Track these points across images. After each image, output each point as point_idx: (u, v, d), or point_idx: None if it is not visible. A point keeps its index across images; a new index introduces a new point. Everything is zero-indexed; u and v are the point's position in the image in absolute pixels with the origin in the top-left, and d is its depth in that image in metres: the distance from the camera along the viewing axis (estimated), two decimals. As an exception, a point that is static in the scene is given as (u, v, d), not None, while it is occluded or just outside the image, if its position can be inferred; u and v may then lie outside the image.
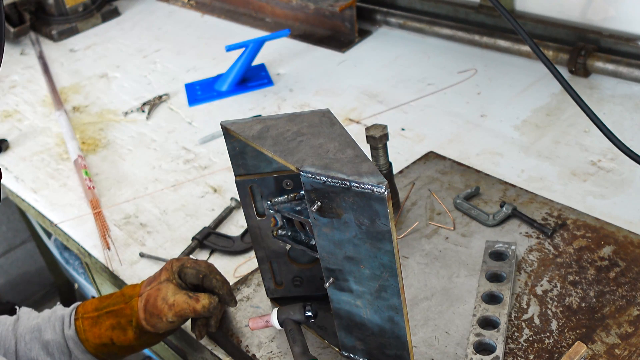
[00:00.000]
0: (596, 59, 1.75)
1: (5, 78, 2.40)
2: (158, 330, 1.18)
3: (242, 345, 1.20)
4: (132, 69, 2.31)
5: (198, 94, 2.06)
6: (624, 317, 1.12)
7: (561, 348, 1.08)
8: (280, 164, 1.05)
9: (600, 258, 1.23)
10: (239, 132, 1.06)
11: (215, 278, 1.19)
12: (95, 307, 1.22)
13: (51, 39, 2.60)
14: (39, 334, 1.21)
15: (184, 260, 1.20)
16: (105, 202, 1.68)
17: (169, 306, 1.15)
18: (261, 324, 1.12)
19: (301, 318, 1.09)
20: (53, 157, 1.91)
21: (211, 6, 2.62)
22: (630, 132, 1.57)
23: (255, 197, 1.14)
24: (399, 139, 1.70)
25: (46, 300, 3.05)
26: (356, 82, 1.98)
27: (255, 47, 2.01)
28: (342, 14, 2.17)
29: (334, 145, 0.99)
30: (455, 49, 2.04)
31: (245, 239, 1.46)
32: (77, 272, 2.46)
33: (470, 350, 1.08)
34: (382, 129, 1.29)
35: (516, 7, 1.99)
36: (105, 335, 1.20)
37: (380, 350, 1.07)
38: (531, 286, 1.20)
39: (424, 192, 1.45)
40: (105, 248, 1.54)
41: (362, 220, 0.93)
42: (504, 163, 1.55)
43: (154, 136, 1.92)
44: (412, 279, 1.25)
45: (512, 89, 1.81)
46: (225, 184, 1.66)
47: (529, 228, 1.32)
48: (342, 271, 1.01)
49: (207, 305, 1.14)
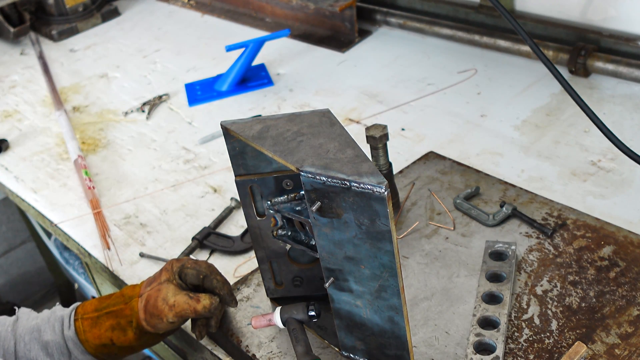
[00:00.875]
0: (596, 59, 1.75)
1: (5, 78, 2.40)
2: (158, 331, 1.18)
3: (242, 345, 1.20)
4: (132, 69, 2.31)
5: (198, 94, 2.06)
6: (624, 317, 1.12)
7: (561, 348, 1.08)
8: (280, 164, 1.05)
9: (600, 258, 1.23)
10: (239, 132, 1.06)
11: (215, 279, 1.19)
12: (95, 307, 1.21)
13: (51, 39, 2.60)
14: (38, 335, 1.21)
15: (184, 261, 1.20)
16: (105, 202, 1.68)
17: (169, 307, 1.15)
18: (264, 323, 1.12)
19: (304, 317, 1.09)
20: (53, 157, 1.91)
21: (211, 6, 2.62)
22: (630, 132, 1.57)
23: (255, 197, 1.14)
24: (399, 139, 1.70)
25: (46, 300, 3.05)
26: (356, 82, 1.98)
27: (255, 47, 2.01)
28: (342, 14, 2.17)
29: (334, 145, 0.99)
30: (455, 49, 2.04)
31: (245, 239, 1.46)
32: (77, 272, 2.46)
33: (470, 350, 1.08)
34: (382, 129, 1.29)
35: (516, 7, 1.99)
36: (105, 336, 1.19)
37: (380, 350, 1.07)
38: (531, 286, 1.20)
39: (424, 192, 1.45)
40: (105, 248, 1.54)
41: (362, 220, 0.93)
42: (504, 163, 1.55)
43: (154, 136, 1.92)
44: (412, 279, 1.25)
45: (512, 89, 1.81)
46: (225, 184, 1.66)
47: (529, 228, 1.32)
48: (342, 271, 1.01)
49: (208, 306, 1.14)
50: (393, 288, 0.97)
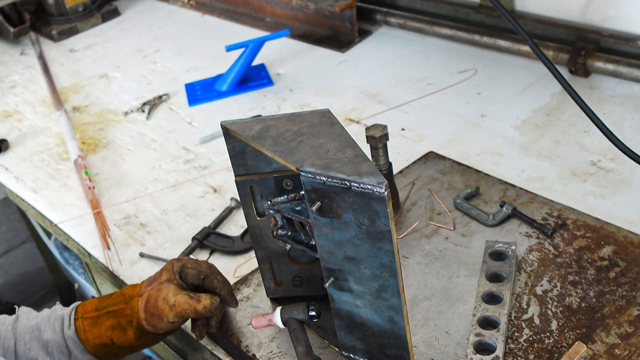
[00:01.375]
0: (596, 59, 1.75)
1: (5, 78, 2.40)
2: (158, 331, 1.18)
3: (242, 345, 1.20)
4: (132, 69, 2.31)
5: (198, 94, 2.06)
6: (624, 317, 1.12)
7: (561, 348, 1.08)
8: (280, 164, 1.05)
9: (600, 258, 1.23)
10: (239, 132, 1.06)
11: (216, 279, 1.19)
12: (95, 307, 1.21)
13: (51, 39, 2.60)
14: (38, 334, 1.21)
15: (184, 261, 1.20)
16: (105, 202, 1.68)
17: (169, 306, 1.15)
18: (264, 323, 1.12)
19: (305, 317, 1.09)
20: (53, 157, 1.91)
21: (211, 6, 2.62)
22: (630, 132, 1.57)
23: (255, 197, 1.14)
24: (399, 139, 1.70)
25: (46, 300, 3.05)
26: (356, 82, 1.98)
27: (255, 47, 2.01)
28: (342, 14, 2.17)
29: (334, 145, 0.99)
30: (455, 49, 2.04)
31: (245, 239, 1.46)
32: (77, 272, 2.46)
33: (470, 350, 1.08)
34: (382, 129, 1.29)
35: (516, 7, 1.99)
36: (105, 336, 1.19)
37: (380, 350, 1.07)
38: (531, 286, 1.20)
39: (424, 192, 1.45)
40: (105, 248, 1.54)
41: (362, 220, 0.93)
42: (504, 163, 1.55)
43: (154, 136, 1.92)
44: (412, 279, 1.25)
45: (512, 89, 1.81)
46: (225, 184, 1.66)
47: (529, 228, 1.32)
48: (342, 271, 1.01)
49: (208, 306, 1.14)
50: (393, 288, 0.97)
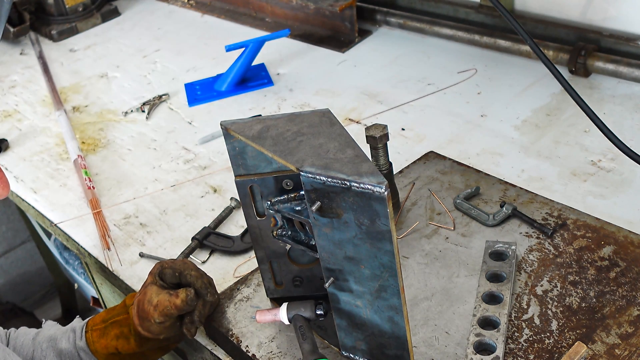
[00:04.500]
0: (596, 59, 1.75)
1: (5, 78, 2.40)
2: (154, 334, 1.20)
3: (242, 345, 1.20)
4: (132, 69, 2.31)
5: (198, 94, 2.06)
6: (624, 317, 1.12)
7: (561, 348, 1.08)
8: (280, 164, 1.05)
9: (600, 258, 1.23)
10: (239, 132, 1.06)
11: (189, 274, 1.20)
12: (103, 318, 1.26)
13: (51, 39, 2.60)
14: (54, 343, 1.26)
15: (162, 262, 1.23)
16: (105, 202, 1.68)
17: (153, 307, 1.17)
18: (269, 318, 1.12)
19: (312, 315, 1.09)
20: (53, 157, 1.91)
21: (211, 6, 2.62)
22: (630, 132, 1.57)
23: (255, 197, 1.14)
24: (399, 139, 1.70)
25: (46, 300, 3.05)
26: (356, 82, 1.98)
27: (255, 47, 2.01)
28: (342, 14, 2.17)
29: (334, 145, 0.99)
30: (455, 49, 2.04)
31: (245, 239, 1.46)
32: (77, 272, 2.46)
33: (470, 350, 1.08)
34: (382, 129, 1.29)
35: (516, 7, 1.99)
36: (111, 345, 1.24)
37: (380, 350, 1.07)
38: (531, 286, 1.20)
39: (424, 192, 1.45)
40: (105, 248, 1.54)
41: (362, 220, 0.93)
42: (504, 163, 1.55)
43: (154, 136, 1.92)
44: (412, 279, 1.25)
45: (512, 89, 1.81)
46: (225, 184, 1.66)
47: (529, 228, 1.31)
48: (342, 271, 1.01)
49: (185, 299, 1.16)
50: (393, 288, 0.97)
